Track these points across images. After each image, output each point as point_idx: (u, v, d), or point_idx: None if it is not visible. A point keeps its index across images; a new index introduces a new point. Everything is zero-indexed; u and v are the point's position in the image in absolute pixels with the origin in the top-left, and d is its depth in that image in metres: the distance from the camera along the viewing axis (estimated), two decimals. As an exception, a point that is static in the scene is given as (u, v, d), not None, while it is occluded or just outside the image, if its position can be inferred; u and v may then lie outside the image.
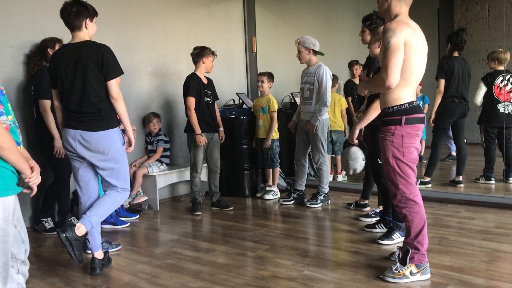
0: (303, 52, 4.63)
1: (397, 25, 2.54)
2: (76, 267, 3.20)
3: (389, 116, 2.68)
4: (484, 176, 5.33)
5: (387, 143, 2.69)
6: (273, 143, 5.19)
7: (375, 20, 3.84)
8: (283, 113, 5.90)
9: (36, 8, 4.21)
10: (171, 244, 3.70)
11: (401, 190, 2.69)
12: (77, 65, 2.93)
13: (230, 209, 4.79)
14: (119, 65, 3.00)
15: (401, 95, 2.65)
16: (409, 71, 2.59)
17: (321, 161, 4.72)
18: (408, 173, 2.68)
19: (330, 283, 2.76)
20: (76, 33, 2.99)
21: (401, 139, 2.65)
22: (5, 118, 1.83)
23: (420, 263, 2.70)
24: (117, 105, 2.98)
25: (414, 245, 2.69)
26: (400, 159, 2.66)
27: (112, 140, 2.98)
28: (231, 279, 2.88)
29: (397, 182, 2.69)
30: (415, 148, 2.70)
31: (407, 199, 2.68)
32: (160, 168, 4.95)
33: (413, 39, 2.56)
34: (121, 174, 3.05)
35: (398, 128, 2.65)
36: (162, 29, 5.29)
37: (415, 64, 2.60)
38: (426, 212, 2.77)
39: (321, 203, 4.70)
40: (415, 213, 2.68)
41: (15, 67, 4.06)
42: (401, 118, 2.64)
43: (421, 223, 2.68)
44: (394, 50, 2.51)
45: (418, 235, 2.68)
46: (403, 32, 2.53)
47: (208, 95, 4.66)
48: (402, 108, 2.65)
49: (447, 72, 5.03)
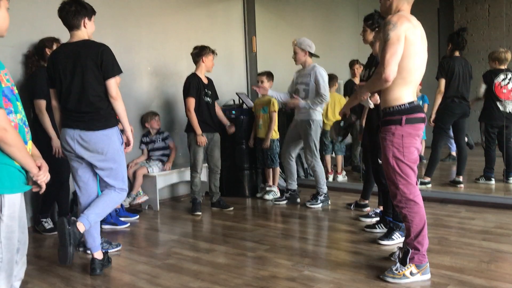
0: (299, 53, 4.63)
1: (398, 18, 2.53)
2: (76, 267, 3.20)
3: (389, 116, 2.68)
4: (484, 176, 5.33)
5: (387, 143, 2.69)
6: (273, 143, 5.19)
7: (376, 20, 3.84)
8: (283, 113, 5.90)
9: (36, 8, 4.21)
10: (171, 244, 3.70)
11: (401, 190, 2.68)
12: (75, 65, 2.91)
13: (230, 209, 4.78)
14: (118, 64, 2.99)
15: (401, 95, 2.64)
16: (407, 69, 2.58)
17: (314, 163, 4.71)
18: (408, 173, 2.67)
19: (330, 283, 2.76)
20: (74, 32, 2.97)
21: (401, 139, 2.65)
22: (14, 116, 1.87)
23: (420, 263, 2.69)
24: (116, 104, 2.97)
25: (414, 245, 2.69)
26: (400, 159, 2.66)
27: (111, 140, 2.97)
28: (231, 279, 2.88)
29: (397, 182, 2.68)
30: (416, 148, 2.69)
31: (407, 199, 2.68)
32: (161, 168, 4.95)
33: (412, 35, 2.54)
34: (119, 174, 3.05)
35: (398, 128, 2.65)
36: (162, 29, 5.29)
37: (414, 62, 2.59)
38: (426, 212, 2.77)
39: (321, 203, 4.69)
40: (415, 213, 2.68)
41: (15, 67, 4.06)
42: (401, 118, 2.63)
43: (421, 223, 2.68)
44: (393, 43, 2.49)
45: (418, 235, 2.68)
46: (404, 26, 2.51)
47: (208, 95, 4.65)
48: (403, 108, 2.64)
49: (447, 72, 5.03)
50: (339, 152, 5.95)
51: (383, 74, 2.51)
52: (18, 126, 1.89)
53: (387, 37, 2.51)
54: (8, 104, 1.86)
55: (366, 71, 3.86)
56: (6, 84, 1.87)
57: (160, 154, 5.04)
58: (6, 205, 1.80)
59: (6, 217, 1.80)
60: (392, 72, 2.51)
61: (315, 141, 4.67)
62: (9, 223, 1.82)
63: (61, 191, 4.02)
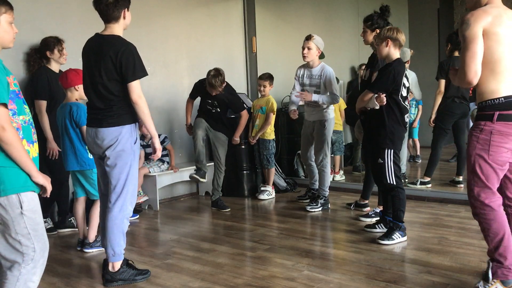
0: (314, 50, 4.45)
1: (472, 15, 2.37)
2: (76, 267, 3.21)
3: (481, 111, 2.45)
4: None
5: (471, 139, 2.48)
6: (269, 143, 5.19)
7: (376, 21, 3.85)
8: (283, 113, 5.90)
9: (36, 8, 4.21)
10: (171, 244, 3.70)
11: (476, 193, 2.44)
12: (96, 59, 2.78)
13: (227, 210, 4.78)
14: (141, 67, 2.78)
15: (495, 88, 2.40)
16: (493, 60, 2.36)
17: (324, 163, 4.58)
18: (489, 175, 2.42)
19: (330, 283, 2.76)
20: (110, 24, 2.80)
21: (490, 136, 2.40)
22: (17, 118, 1.99)
23: (506, 278, 2.39)
24: (137, 109, 2.77)
25: (495, 258, 2.42)
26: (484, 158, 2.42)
27: (122, 136, 2.81)
28: (231, 279, 2.88)
29: (474, 183, 2.45)
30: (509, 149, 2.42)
31: (482, 203, 2.43)
32: (161, 168, 4.95)
33: (493, 27, 2.33)
34: (122, 175, 2.82)
35: (488, 124, 2.41)
36: (162, 29, 5.29)
37: (498, 52, 2.36)
38: (426, 212, 2.75)
39: (321, 207, 4.60)
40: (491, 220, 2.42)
41: (15, 67, 4.05)
42: (493, 113, 2.39)
43: (500, 232, 2.40)
44: (469, 43, 2.34)
45: (499, 246, 2.40)
46: (480, 22, 2.33)
47: (209, 104, 4.69)
48: (496, 102, 2.39)
49: (447, 72, 5.03)
50: (338, 152, 5.95)
51: (466, 77, 2.35)
52: (21, 127, 2.00)
53: (463, 38, 2.38)
54: (13, 105, 1.98)
55: (367, 71, 3.87)
56: (13, 88, 2.00)
57: None
58: (25, 201, 1.94)
59: (27, 211, 1.95)
60: (474, 73, 2.34)
61: (328, 141, 4.57)
62: (32, 216, 1.97)
63: (60, 191, 4.02)
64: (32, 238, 1.97)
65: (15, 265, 1.97)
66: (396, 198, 3.49)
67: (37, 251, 1.99)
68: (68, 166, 3.49)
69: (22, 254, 1.96)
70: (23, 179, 1.94)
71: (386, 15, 3.87)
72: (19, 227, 1.93)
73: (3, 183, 1.90)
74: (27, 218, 1.95)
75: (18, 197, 1.92)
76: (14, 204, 1.92)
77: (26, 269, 1.97)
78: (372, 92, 3.42)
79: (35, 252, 1.98)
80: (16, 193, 1.92)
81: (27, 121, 2.05)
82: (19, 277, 1.96)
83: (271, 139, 5.22)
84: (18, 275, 1.96)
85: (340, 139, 5.96)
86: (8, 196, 1.91)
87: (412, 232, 3.66)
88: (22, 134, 1.99)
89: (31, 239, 1.96)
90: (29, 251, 1.97)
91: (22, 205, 1.93)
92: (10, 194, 1.91)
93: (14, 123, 1.95)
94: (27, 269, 1.98)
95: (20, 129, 1.99)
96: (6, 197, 1.90)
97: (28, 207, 1.95)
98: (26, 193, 1.95)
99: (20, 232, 1.94)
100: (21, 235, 1.94)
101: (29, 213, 1.95)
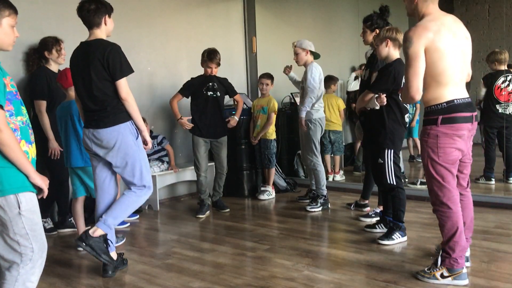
0: (300, 53, 4.56)
1: (414, 33, 2.52)
2: (76, 267, 3.21)
3: (427, 116, 2.65)
4: (484, 176, 5.33)
5: (422, 143, 2.69)
6: (270, 143, 5.19)
7: (375, 21, 3.85)
8: (283, 113, 5.90)
9: (36, 8, 4.21)
10: (171, 244, 3.70)
11: (435, 192, 2.66)
12: (85, 64, 2.92)
13: (226, 210, 4.77)
14: (127, 64, 2.94)
15: (438, 95, 2.59)
16: (437, 73, 2.55)
17: (314, 162, 4.62)
18: (444, 174, 2.64)
19: (330, 283, 2.76)
20: (93, 30, 2.96)
21: (437, 140, 2.60)
22: (14, 119, 1.99)
23: (452, 267, 2.66)
24: (127, 105, 2.93)
25: (445, 249, 2.68)
26: (435, 160, 2.62)
27: (121, 134, 2.93)
28: (231, 279, 2.88)
29: (432, 184, 2.66)
30: (455, 149, 2.63)
31: (440, 202, 2.66)
32: (161, 168, 4.94)
33: (435, 42, 2.51)
34: (136, 169, 2.98)
35: (433, 128, 2.60)
36: (162, 29, 5.29)
37: (444, 64, 2.54)
38: (426, 212, 2.77)
39: (321, 207, 4.59)
40: (447, 218, 2.65)
41: (14, 66, 4.05)
42: (437, 117, 2.58)
43: (452, 229, 2.65)
44: (412, 61, 2.51)
45: (449, 240, 2.65)
46: (421, 39, 2.50)
47: (210, 88, 4.66)
48: (439, 107, 2.59)
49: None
50: (338, 153, 5.95)
51: (408, 94, 2.54)
52: (19, 128, 2.01)
53: (406, 55, 2.53)
54: (10, 107, 1.98)
55: (367, 71, 3.86)
56: (11, 89, 2.00)
57: (157, 157, 5.02)
58: (23, 201, 1.94)
59: (25, 212, 1.94)
60: (416, 90, 2.52)
61: (315, 141, 4.61)
62: (30, 216, 1.97)
63: (60, 191, 4.02)
64: (30, 238, 1.97)
65: (13, 265, 1.97)
66: (396, 198, 3.49)
67: (36, 251, 1.99)
68: (72, 163, 3.49)
69: (20, 254, 1.96)
70: (21, 180, 1.94)
71: (386, 15, 3.87)
72: (17, 228, 1.93)
73: (1, 183, 1.90)
74: (25, 219, 1.95)
75: (16, 197, 1.92)
76: (12, 205, 1.92)
77: (25, 269, 1.97)
78: (373, 93, 3.43)
79: (34, 252, 1.98)
80: (14, 193, 1.92)
81: (25, 122, 2.05)
82: (17, 278, 1.96)
83: (273, 139, 5.22)
84: (17, 275, 1.96)
85: (340, 139, 5.96)
86: (6, 197, 1.91)
87: (412, 232, 3.66)
88: (20, 135, 1.99)
89: (29, 239, 1.97)
90: (28, 251, 1.97)
91: (20, 205, 1.93)
92: (8, 194, 1.91)
93: (11, 124, 1.95)
94: (26, 269, 1.98)
95: (18, 130, 1.99)
96: (4, 198, 1.91)
97: (26, 207, 1.95)
98: (24, 193, 1.95)
99: (18, 232, 1.94)
100: (19, 236, 1.94)
101: (27, 213, 1.95)
